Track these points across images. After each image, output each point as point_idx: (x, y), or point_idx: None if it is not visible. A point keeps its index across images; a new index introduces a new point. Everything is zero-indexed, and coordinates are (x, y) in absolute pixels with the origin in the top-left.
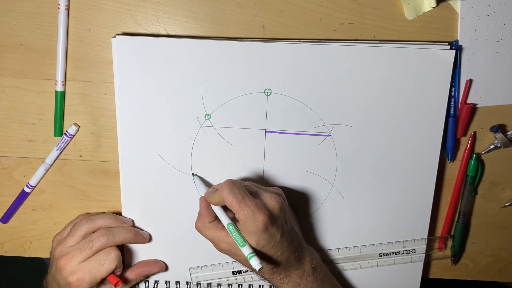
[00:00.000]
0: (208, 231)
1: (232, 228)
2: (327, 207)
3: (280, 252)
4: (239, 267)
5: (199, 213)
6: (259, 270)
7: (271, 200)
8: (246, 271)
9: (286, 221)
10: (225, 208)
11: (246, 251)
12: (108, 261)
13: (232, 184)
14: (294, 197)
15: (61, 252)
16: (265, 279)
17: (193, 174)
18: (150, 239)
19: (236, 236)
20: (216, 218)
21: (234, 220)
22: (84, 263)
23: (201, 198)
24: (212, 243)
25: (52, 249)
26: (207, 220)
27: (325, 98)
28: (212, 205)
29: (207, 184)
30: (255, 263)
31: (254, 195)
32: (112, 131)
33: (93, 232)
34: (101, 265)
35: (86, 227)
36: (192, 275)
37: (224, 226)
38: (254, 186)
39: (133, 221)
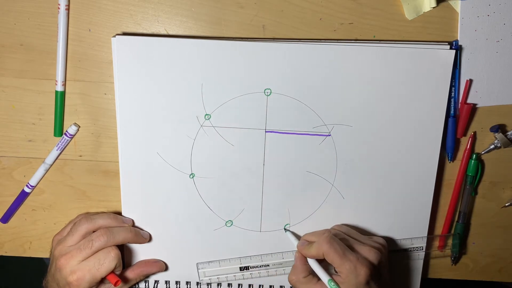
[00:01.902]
0: (303, 286)
1: (334, 285)
2: (327, 207)
3: None
4: (246, 262)
5: (295, 266)
6: None
7: (371, 254)
8: (253, 267)
9: (384, 274)
10: (318, 261)
11: None
12: (108, 260)
13: (331, 238)
14: (294, 197)
15: (60, 252)
16: None
17: (285, 229)
18: (150, 239)
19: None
20: (310, 272)
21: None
22: (83, 262)
23: (297, 252)
24: None
25: (52, 248)
26: (302, 275)
27: (325, 98)
28: (309, 260)
29: (298, 237)
30: None
31: (351, 248)
32: (112, 131)
33: (93, 231)
34: (101, 265)
35: (86, 226)
36: (199, 270)
37: (317, 280)
38: (350, 237)
39: (133, 221)
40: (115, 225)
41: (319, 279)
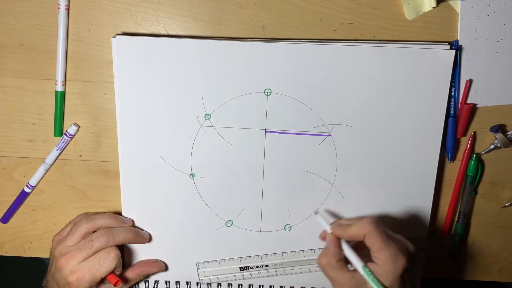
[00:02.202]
0: (334, 271)
1: (369, 271)
2: (327, 207)
3: None
4: (246, 263)
5: (327, 248)
6: None
7: (410, 247)
8: (253, 267)
9: (412, 273)
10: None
11: None
12: (108, 260)
13: (378, 221)
14: (294, 197)
15: (60, 252)
16: None
17: (315, 212)
18: (150, 239)
19: (373, 279)
20: (343, 258)
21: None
22: (83, 262)
23: (331, 234)
24: (333, 283)
25: (52, 248)
26: (335, 258)
27: (325, 98)
28: (343, 244)
29: (329, 220)
30: None
31: (391, 237)
32: (112, 131)
33: (93, 231)
34: (101, 265)
35: (86, 226)
36: (199, 270)
37: (348, 268)
38: (387, 229)
39: (133, 221)
40: (115, 225)
41: (349, 265)
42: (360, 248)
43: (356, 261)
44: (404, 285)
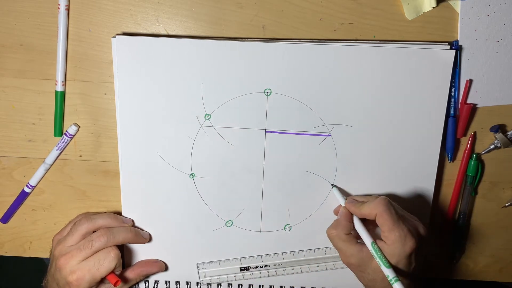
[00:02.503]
0: (342, 242)
1: (376, 247)
2: (327, 207)
3: (408, 281)
4: (246, 263)
5: (338, 221)
6: None
7: (421, 229)
8: (253, 268)
9: (421, 253)
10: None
11: (391, 273)
12: (108, 260)
13: (389, 202)
14: (294, 197)
15: (60, 252)
16: None
17: (332, 185)
18: (150, 239)
19: (380, 256)
20: (352, 231)
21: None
22: (83, 262)
23: (344, 207)
24: (340, 254)
25: (52, 248)
26: (344, 231)
27: (325, 98)
28: (354, 219)
29: (345, 194)
30: (399, 287)
31: (401, 218)
32: (112, 131)
33: (93, 231)
34: (101, 265)
35: (86, 226)
36: (199, 271)
37: (356, 241)
38: (399, 209)
39: (133, 221)
40: (115, 225)
41: (358, 240)
42: (372, 226)
43: (365, 237)
44: (410, 266)
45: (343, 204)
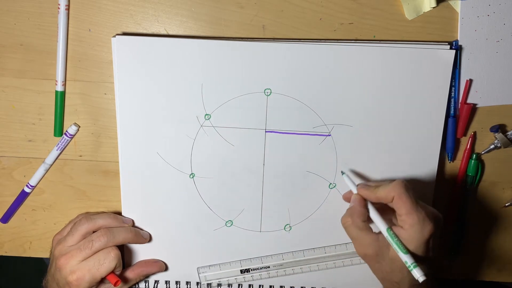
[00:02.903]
0: (358, 231)
1: (393, 233)
2: (327, 207)
3: (427, 267)
4: (246, 265)
5: (353, 208)
6: (422, 281)
7: (438, 213)
8: (254, 269)
9: (438, 241)
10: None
11: (409, 259)
12: (108, 260)
13: (407, 185)
14: (294, 197)
15: (60, 251)
16: None
17: (342, 172)
18: (150, 239)
19: (397, 242)
20: (367, 219)
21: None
22: (83, 262)
23: (357, 194)
24: (355, 244)
25: (52, 248)
26: (361, 218)
27: (325, 98)
28: (369, 206)
29: (356, 181)
30: (419, 274)
31: (418, 202)
32: (112, 131)
33: (93, 231)
34: (101, 265)
35: (86, 226)
36: (200, 275)
37: (372, 230)
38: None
39: (133, 221)
40: (115, 225)
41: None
42: (384, 213)
43: (380, 223)
44: (428, 252)
45: (355, 190)
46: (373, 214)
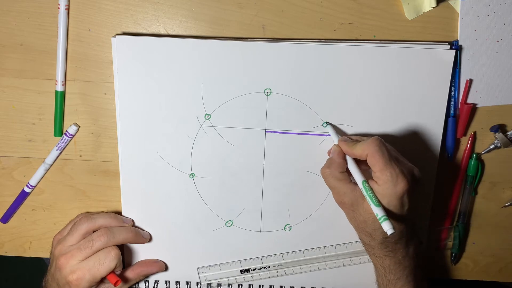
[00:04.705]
0: (335, 181)
1: (368, 186)
2: (327, 207)
3: (400, 223)
4: (246, 265)
5: (331, 159)
6: (390, 234)
7: (414, 170)
8: (254, 269)
9: (415, 196)
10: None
11: (380, 212)
12: (108, 260)
13: (382, 142)
14: (294, 197)
15: (61, 251)
16: (370, 247)
17: (326, 122)
18: (150, 239)
19: (370, 194)
20: (345, 170)
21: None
22: (83, 262)
23: (336, 146)
24: (333, 193)
25: (52, 248)
26: (338, 169)
27: (325, 98)
28: (348, 158)
29: (340, 133)
30: (387, 226)
31: (393, 159)
32: (112, 131)
33: (93, 231)
34: (101, 264)
35: (86, 226)
36: (200, 275)
37: (351, 180)
38: (393, 151)
39: (133, 221)
40: (115, 225)
41: (351, 179)
42: (367, 167)
43: (357, 175)
44: (403, 207)
45: (337, 142)
46: (351, 166)
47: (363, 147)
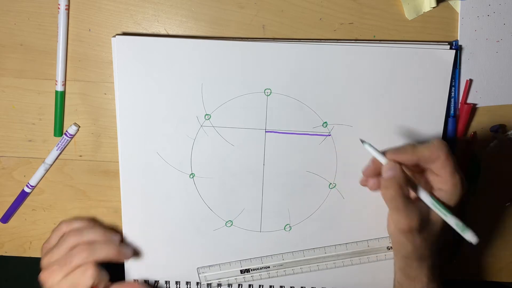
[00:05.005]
0: (404, 201)
1: (435, 197)
2: (327, 207)
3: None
4: (247, 265)
5: (393, 179)
6: (475, 243)
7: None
8: (254, 269)
9: None
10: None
11: (459, 222)
12: (83, 279)
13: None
14: (294, 197)
15: (45, 265)
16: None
17: (362, 140)
18: (132, 255)
19: (441, 205)
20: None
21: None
22: (63, 280)
23: (391, 161)
24: (397, 216)
25: (42, 254)
26: (407, 186)
27: (325, 98)
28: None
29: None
30: (471, 236)
31: None
32: (112, 131)
33: None
34: (77, 284)
35: (74, 240)
36: (200, 275)
37: (409, 199)
38: None
39: (121, 237)
40: (101, 240)
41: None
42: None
43: (420, 188)
44: (459, 212)
45: (382, 158)
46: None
47: (431, 150)
